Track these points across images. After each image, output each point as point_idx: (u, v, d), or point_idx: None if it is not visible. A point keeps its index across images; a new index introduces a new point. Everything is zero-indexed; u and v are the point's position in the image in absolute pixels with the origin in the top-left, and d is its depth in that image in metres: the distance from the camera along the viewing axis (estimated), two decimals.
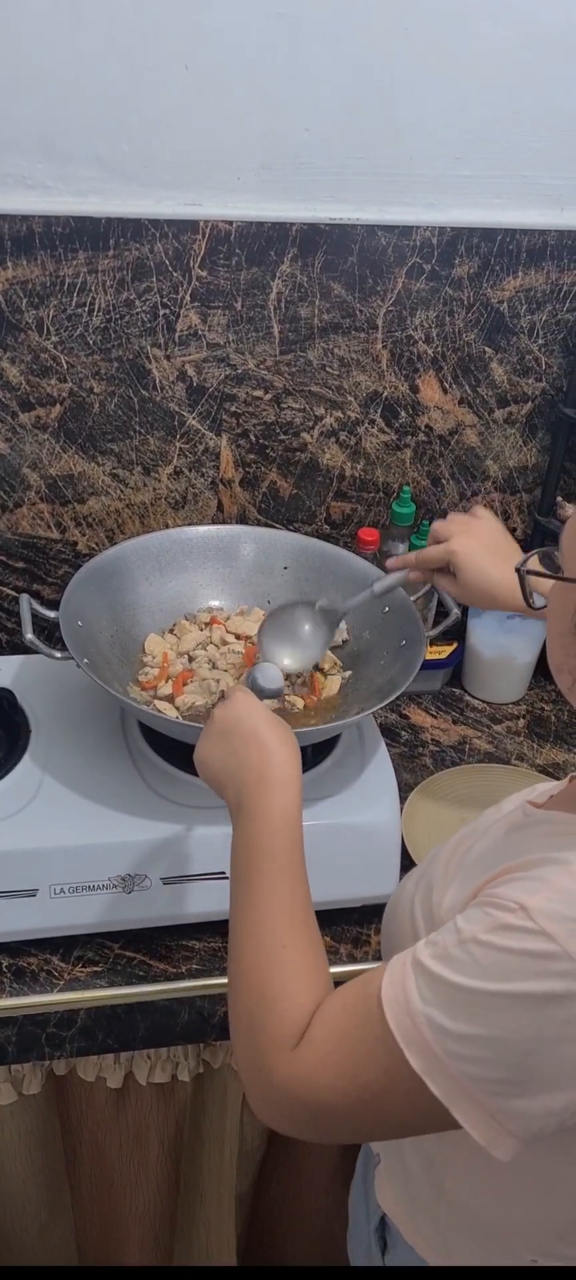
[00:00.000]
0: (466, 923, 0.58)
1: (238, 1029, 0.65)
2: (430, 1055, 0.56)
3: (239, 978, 0.66)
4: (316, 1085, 0.60)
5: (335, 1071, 0.59)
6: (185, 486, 1.26)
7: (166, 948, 0.95)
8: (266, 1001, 0.63)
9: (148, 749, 1.00)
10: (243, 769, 0.72)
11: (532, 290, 1.23)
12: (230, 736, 0.74)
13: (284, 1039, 0.62)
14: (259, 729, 0.74)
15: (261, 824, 0.69)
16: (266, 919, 0.66)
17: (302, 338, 1.20)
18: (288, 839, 0.69)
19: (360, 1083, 0.58)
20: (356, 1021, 0.60)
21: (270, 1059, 0.62)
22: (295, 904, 0.67)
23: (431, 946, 0.59)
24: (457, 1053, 0.55)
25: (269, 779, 0.71)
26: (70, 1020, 0.90)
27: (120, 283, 1.13)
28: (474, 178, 1.18)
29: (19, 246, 1.08)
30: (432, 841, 1.05)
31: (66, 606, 0.99)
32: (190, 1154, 1.06)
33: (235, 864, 0.70)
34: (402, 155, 1.16)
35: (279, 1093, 0.61)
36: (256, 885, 0.67)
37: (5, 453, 1.18)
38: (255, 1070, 0.63)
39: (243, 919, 0.67)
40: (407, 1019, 0.57)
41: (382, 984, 0.60)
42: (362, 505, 1.32)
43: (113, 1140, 1.04)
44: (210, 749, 0.76)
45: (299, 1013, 0.62)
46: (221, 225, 1.12)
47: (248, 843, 0.69)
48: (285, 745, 0.73)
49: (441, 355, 1.25)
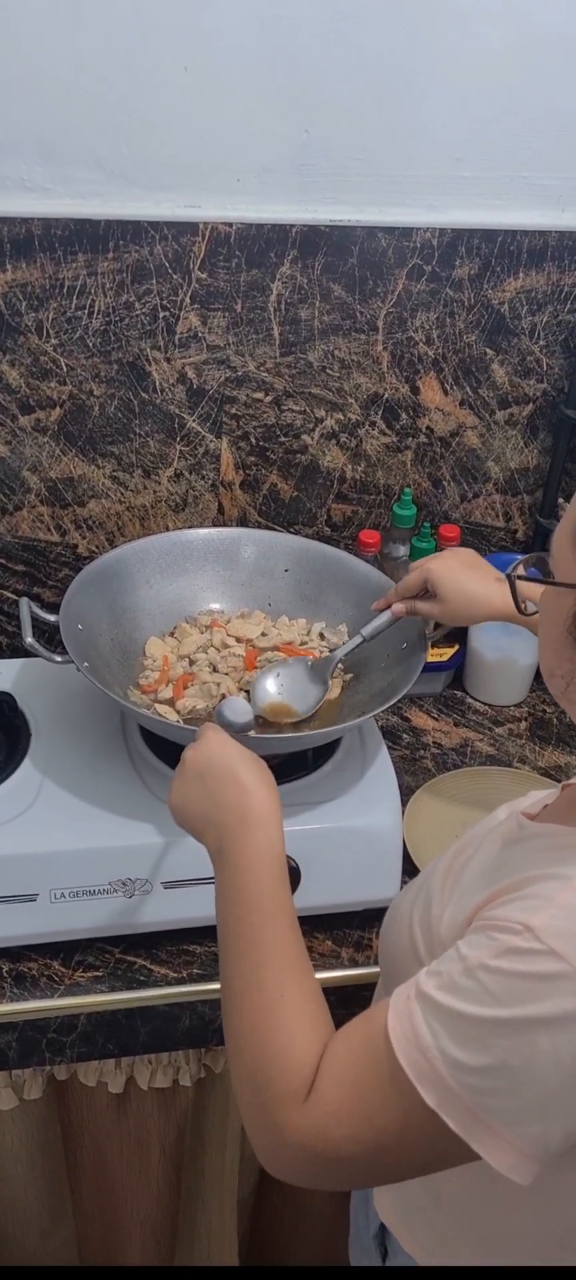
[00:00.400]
0: (471, 949, 0.57)
1: (241, 1087, 0.63)
2: (444, 1089, 0.55)
3: (238, 1035, 0.63)
4: (333, 1138, 0.58)
5: (350, 1121, 0.58)
6: (185, 489, 1.25)
7: (167, 952, 0.94)
8: (269, 1057, 0.61)
9: (148, 753, 0.99)
10: (221, 811, 0.70)
11: (533, 291, 1.23)
12: (204, 777, 0.72)
13: (292, 1094, 0.59)
14: (234, 767, 0.71)
15: (246, 869, 0.67)
16: (260, 969, 0.64)
17: (303, 340, 1.20)
18: (274, 880, 0.66)
19: (376, 1127, 0.57)
20: (365, 1065, 0.58)
21: (280, 1117, 0.59)
22: (287, 948, 0.65)
23: (435, 977, 0.58)
24: (472, 1084, 0.54)
25: (249, 819, 0.68)
26: (71, 1025, 0.90)
27: (120, 285, 1.12)
28: (474, 179, 1.18)
29: (18, 249, 1.08)
30: (434, 844, 1.05)
31: (67, 610, 0.99)
32: (192, 1159, 1.05)
33: (221, 914, 0.68)
34: (403, 156, 1.16)
35: (293, 1150, 0.59)
36: (246, 935, 0.65)
37: (5, 455, 1.18)
38: (264, 1129, 0.61)
39: (235, 973, 0.65)
40: (419, 1055, 0.56)
41: (388, 1021, 0.58)
42: (363, 507, 1.32)
43: (114, 1145, 1.03)
44: (185, 793, 0.73)
45: (305, 1063, 0.60)
46: (221, 227, 1.12)
47: (232, 891, 0.67)
48: (262, 782, 0.71)
49: (442, 357, 1.25)
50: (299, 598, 1.16)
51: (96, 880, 0.90)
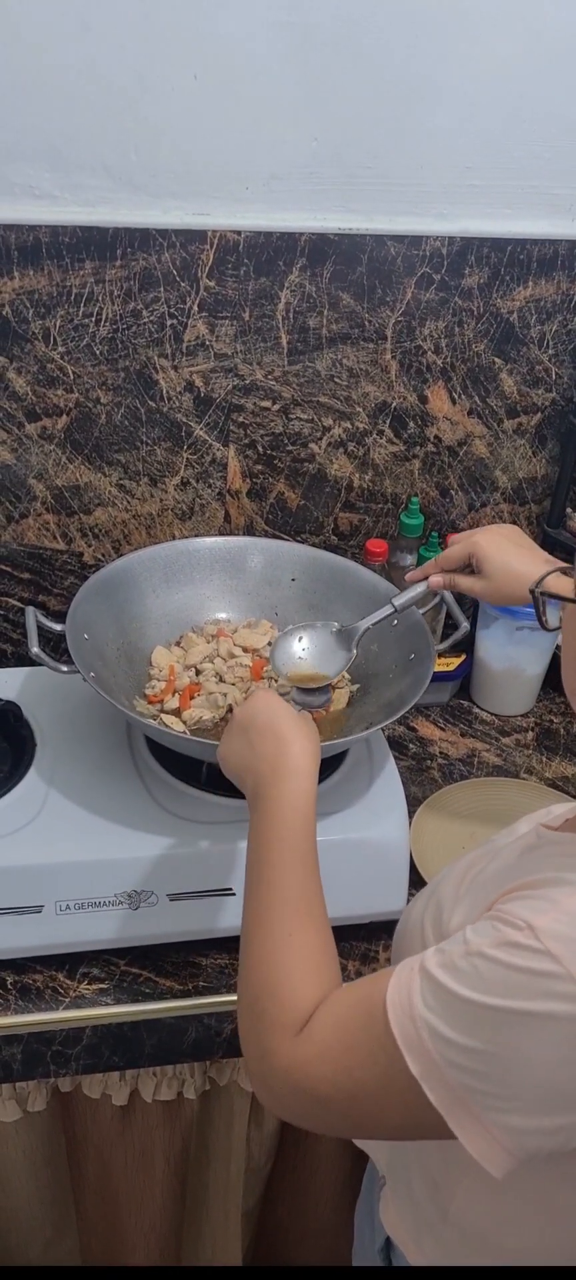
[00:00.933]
0: (475, 935, 0.58)
1: (244, 1013, 0.67)
2: (429, 1062, 0.56)
3: (246, 966, 0.67)
4: (313, 1075, 0.61)
5: (333, 1065, 0.60)
6: (192, 497, 1.25)
7: (173, 964, 0.94)
8: (270, 988, 0.65)
9: (154, 763, 0.99)
10: (258, 760, 0.75)
11: (542, 300, 1.23)
12: (248, 730, 0.77)
13: (286, 1026, 0.63)
14: (275, 721, 0.76)
15: (273, 813, 0.71)
16: (275, 907, 0.67)
17: (311, 348, 1.19)
18: (297, 827, 0.70)
19: (356, 1079, 0.59)
20: (359, 1019, 0.61)
21: (272, 1044, 0.63)
22: (303, 893, 0.68)
23: (440, 954, 0.60)
24: (456, 1062, 0.56)
25: (282, 769, 0.73)
26: (76, 1038, 0.89)
27: (127, 293, 1.12)
28: (484, 187, 1.18)
29: (26, 257, 1.08)
30: (441, 857, 1.04)
31: (73, 619, 0.98)
32: (196, 1171, 1.05)
33: (249, 853, 0.72)
34: (412, 165, 1.15)
35: (278, 1078, 0.63)
36: (266, 874, 0.69)
37: (11, 463, 1.18)
38: (257, 1054, 0.64)
39: (252, 906, 0.69)
40: (410, 1023, 0.58)
41: (389, 986, 0.60)
42: (371, 516, 1.31)
43: (118, 1157, 1.03)
44: (231, 744, 0.79)
45: (303, 1002, 0.63)
46: (230, 235, 1.12)
47: (259, 832, 0.71)
48: (303, 737, 0.75)
49: (451, 365, 1.24)
50: (306, 607, 1.16)
51: (102, 892, 0.90)
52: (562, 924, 0.55)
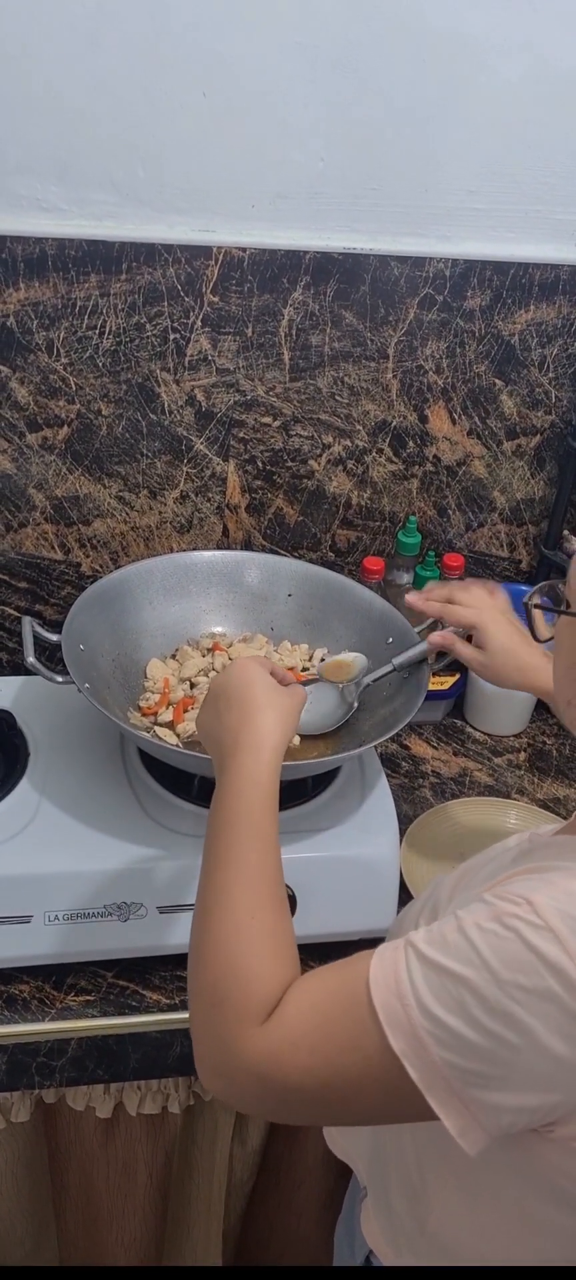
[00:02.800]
0: (467, 913, 0.57)
1: (198, 1002, 0.62)
2: (413, 1038, 0.55)
3: (203, 946, 0.63)
4: (286, 1065, 0.57)
5: (309, 1052, 0.57)
6: (191, 511, 1.25)
7: (160, 977, 0.94)
8: (233, 973, 0.60)
9: (147, 775, 0.99)
10: (223, 730, 0.71)
11: (544, 324, 1.23)
12: (218, 699, 0.73)
13: (251, 1013, 0.59)
14: (244, 690, 0.72)
15: (231, 788, 0.67)
16: (233, 886, 0.63)
17: (313, 365, 1.20)
18: (256, 805, 0.66)
19: (336, 1066, 0.57)
20: (340, 1002, 0.58)
21: (235, 1032, 0.59)
22: (262, 872, 0.64)
23: (428, 932, 0.58)
24: (442, 1039, 0.54)
25: (244, 741, 0.69)
26: (61, 1049, 0.89)
27: (131, 306, 1.13)
28: (487, 211, 1.18)
29: (31, 268, 1.09)
30: (431, 876, 1.04)
31: (69, 630, 0.99)
32: (179, 1186, 1.05)
33: (208, 829, 0.68)
34: (417, 187, 1.16)
35: (242, 1070, 0.58)
36: (223, 851, 0.65)
37: (11, 473, 1.18)
38: (216, 1045, 0.60)
39: (210, 886, 0.65)
40: (396, 1000, 0.56)
41: (371, 966, 0.58)
42: (368, 534, 1.31)
43: (100, 1170, 1.03)
44: (203, 713, 0.75)
45: (268, 987, 0.60)
46: (234, 252, 1.13)
47: (217, 809, 0.68)
48: (271, 707, 0.71)
49: (451, 386, 1.25)
50: (301, 623, 1.16)
51: (91, 903, 0.90)
52: (561, 901, 0.55)
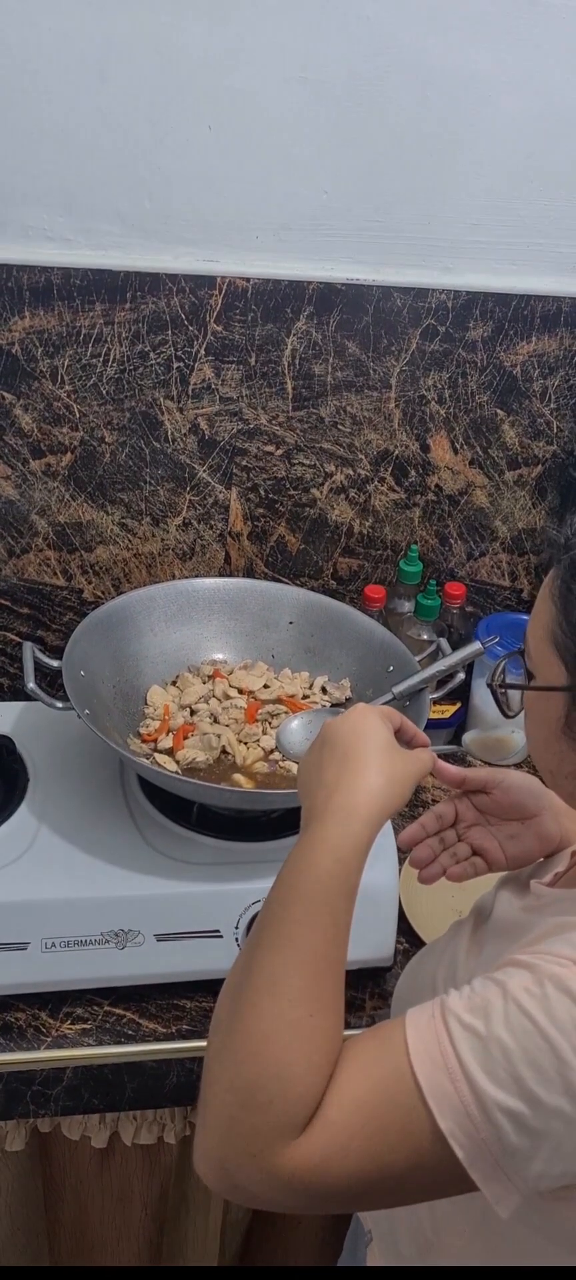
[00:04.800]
0: (509, 979, 0.55)
1: (228, 1094, 0.54)
2: (463, 1116, 0.52)
3: (245, 1035, 0.54)
4: (333, 1174, 0.52)
5: (357, 1156, 0.52)
6: (193, 538, 1.26)
7: (157, 1005, 0.93)
8: (279, 1078, 0.53)
9: (146, 802, 0.99)
10: (317, 784, 0.63)
11: (545, 355, 1.24)
12: (324, 747, 0.65)
13: (293, 1123, 0.53)
14: (353, 744, 0.63)
15: (308, 856, 0.59)
16: (293, 975, 0.55)
17: (315, 395, 1.21)
18: (333, 881, 0.58)
19: (385, 1161, 0.53)
20: (385, 1091, 0.53)
21: (271, 1144, 0.52)
22: (329, 964, 0.57)
23: (467, 998, 0.55)
24: (494, 1117, 0.52)
25: (333, 805, 0.60)
26: (56, 1078, 0.89)
27: (135, 335, 1.14)
28: (490, 243, 1.19)
29: (37, 297, 1.10)
30: (430, 906, 1.04)
31: (69, 656, 0.99)
32: (174, 1220, 1.04)
33: (273, 891, 0.60)
34: (421, 219, 1.17)
35: (274, 1182, 0.53)
36: (288, 930, 0.57)
37: (14, 499, 1.19)
38: (242, 1153, 0.53)
39: (262, 965, 0.56)
40: (445, 1077, 0.52)
41: (408, 1038, 0.54)
42: (370, 562, 1.32)
43: (95, 1200, 1.02)
44: (308, 757, 0.67)
45: (313, 1095, 0.53)
46: (238, 282, 1.14)
47: (289, 873, 0.59)
48: (377, 773, 0.62)
49: (453, 416, 1.25)
50: (303, 650, 1.16)
51: (89, 930, 0.90)
52: None
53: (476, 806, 0.80)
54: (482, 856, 0.79)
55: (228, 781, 1.00)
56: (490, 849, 0.78)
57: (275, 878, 0.60)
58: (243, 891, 0.92)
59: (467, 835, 0.80)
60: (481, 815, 0.80)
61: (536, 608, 0.64)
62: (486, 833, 0.79)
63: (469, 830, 0.80)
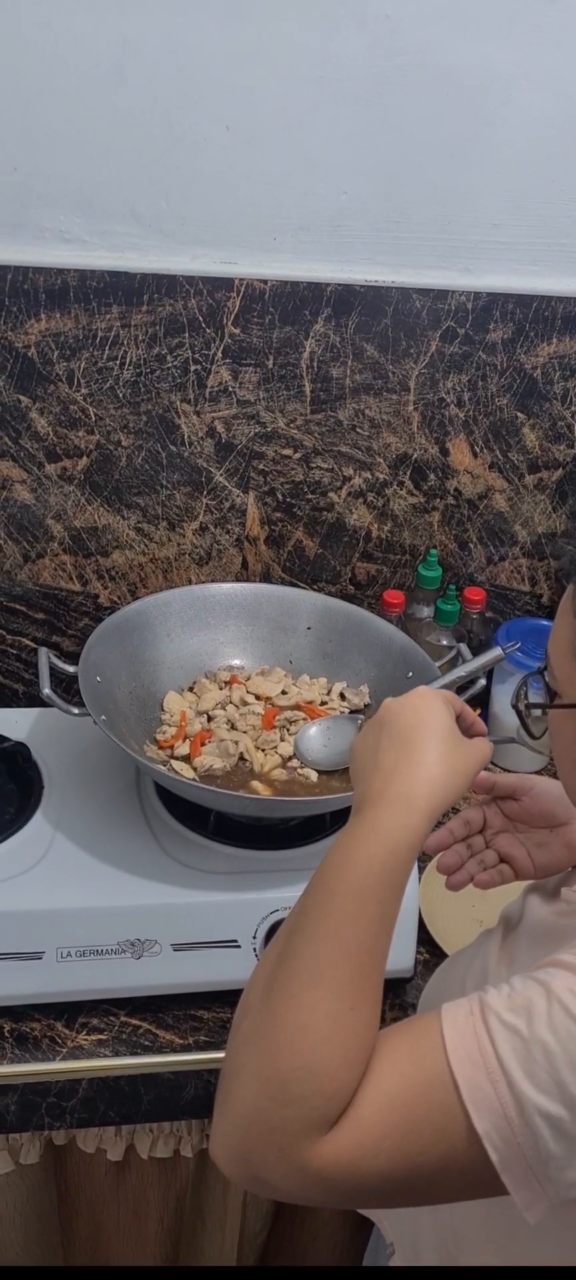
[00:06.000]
0: (553, 979, 0.53)
1: (260, 1085, 0.52)
2: (500, 1118, 0.50)
3: (281, 1025, 0.52)
4: (363, 1171, 0.51)
5: (389, 1154, 0.51)
6: (210, 542, 1.25)
7: (174, 1016, 0.92)
8: (314, 1072, 0.51)
9: (162, 810, 0.98)
10: (373, 768, 0.60)
11: (566, 357, 1.22)
12: (382, 727, 0.62)
13: (325, 1119, 0.51)
14: (414, 729, 0.60)
15: (360, 843, 0.56)
16: (337, 966, 0.53)
17: (334, 398, 1.19)
18: (385, 872, 0.55)
19: (418, 1162, 0.51)
20: (421, 1090, 0.52)
21: (302, 1139, 0.51)
22: (373, 958, 0.54)
23: (507, 996, 0.53)
24: (532, 1121, 0.50)
25: (391, 792, 0.58)
26: (72, 1090, 0.87)
27: (152, 337, 1.13)
28: (511, 244, 1.18)
29: (53, 299, 1.09)
30: (450, 914, 1.02)
31: (85, 662, 0.98)
32: (190, 1234, 1.02)
33: (318, 876, 0.57)
34: (440, 220, 1.16)
35: (301, 1176, 0.51)
36: (334, 920, 0.54)
37: (30, 503, 1.18)
38: (278, 1148, 0.51)
39: (304, 954, 0.54)
40: (484, 1077, 0.51)
41: (445, 1034, 0.52)
42: (388, 567, 1.30)
43: (111, 1215, 1.00)
44: (363, 737, 0.64)
45: (347, 1090, 0.52)
46: (256, 284, 1.12)
47: (338, 859, 0.57)
48: (438, 762, 0.59)
49: (473, 419, 1.24)
50: (320, 656, 1.15)
51: (105, 940, 0.89)
52: None
53: (505, 813, 0.78)
54: (510, 864, 0.77)
55: (245, 789, 0.98)
56: (518, 856, 0.77)
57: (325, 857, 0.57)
58: (261, 901, 0.90)
59: (495, 842, 0.78)
60: (509, 822, 0.78)
61: (556, 624, 0.63)
62: (514, 840, 0.78)
63: (496, 837, 0.78)
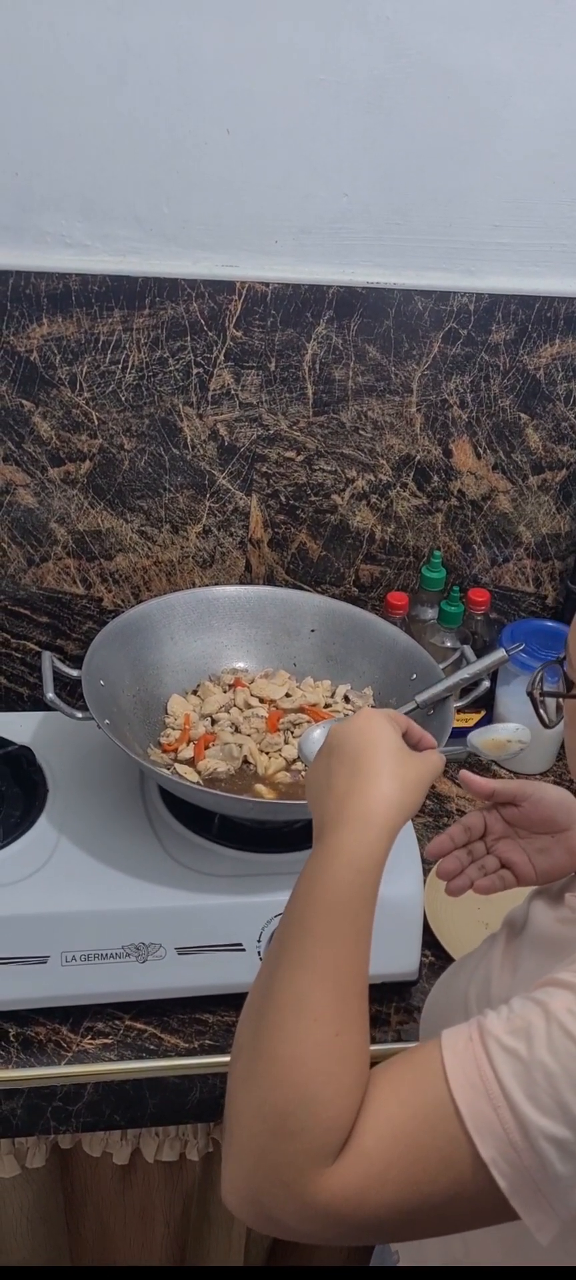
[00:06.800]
0: (551, 999, 0.53)
1: (258, 1123, 0.52)
2: (506, 1144, 0.50)
3: (272, 1060, 0.53)
4: (369, 1204, 0.51)
5: (397, 1185, 0.51)
6: (213, 545, 1.25)
7: (179, 1020, 0.92)
8: (308, 1103, 0.51)
9: (167, 813, 0.98)
10: (327, 794, 0.61)
11: (569, 358, 1.22)
12: (332, 754, 0.63)
13: (327, 1150, 0.51)
14: (363, 751, 0.61)
15: (324, 869, 0.57)
16: (317, 993, 0.53)
17: (336, 400, 1.19)
18: (352, 892, 0.56)
19: (425, 1193, 0.51)
20: (424, 1119, 0.51)
21: (305, 1173, 0.50)
22: (353, 978, 0.55)
23: (506, 1019, 0.53)
24: (538, 1146, 0.50)
25: (347, 814, 0.58)
26: (77, 1094, 0.87)
27: (154, 341, 1.13)
28: (513, 245, 1.18)
29: (55, 304, 1.09)
30: (456, 918, 1.02)
31: (89, 665, 0.98)
32: (197, 1237, 1.02)
33: (290, 908, 0.58)
34: (441, 221, 1.15)
35: (307, 1212, 0.51)
36: (309, 948, 0.55)
37: (33, 507, 1.18)
38: (274, 1182, 0.51)
39: (285, 986, 0.54)
40: (487, 1104, 0.51)
41: (445, 1062, 0.52)
42: (392, 569, 1.30)
43: (117, 1218, 1.00)
44: (314, 767, 0.65)
45: (346, 1118, 0.51)
46: (258, 286, 1.13)
47: (307, 889, 0.57)
48: (390, 778, 0.60)
49: (475, 420, 1.23)
50: (324, 658, 1.15)
51: (109, 943, 0.89)
52: None
53: (506, 819, 0.78)
54: (511, 870, 0.77)
55: (249, 792, 0.98)
56: (519, 862, 0.77)
57: (290, 893, 0.59)
58: (265, 904, 0.90)
59: (496, 848, 0.78)
60: (510, 828, 0.78)
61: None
62: (515, 846, 0.77)
63: (497, 843, 0.78)
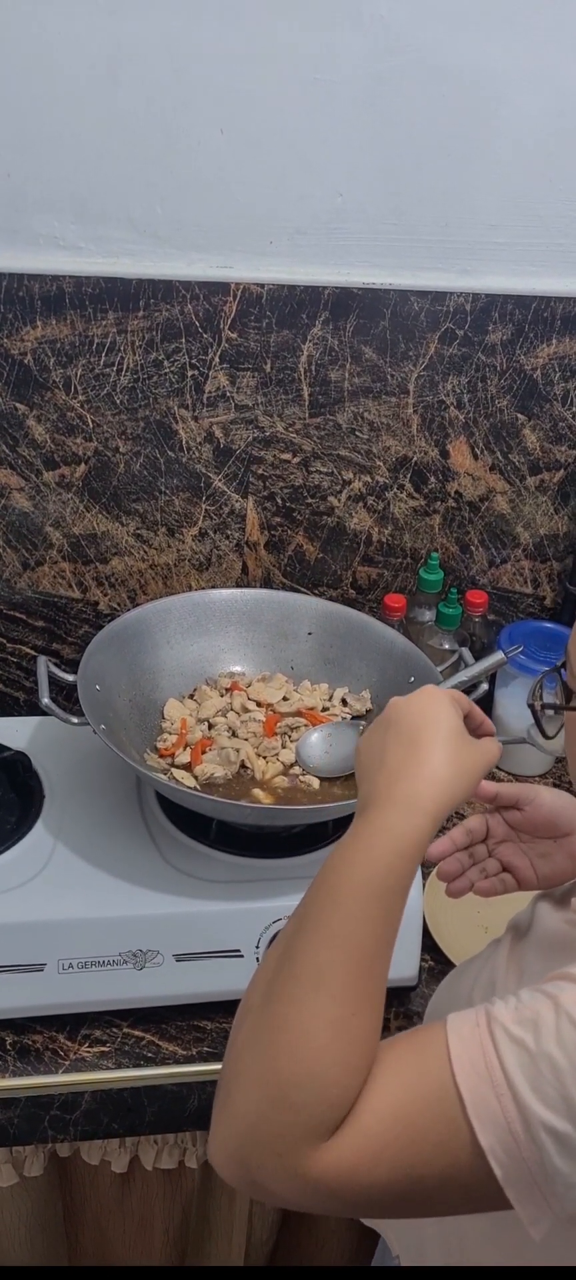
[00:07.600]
0: (561, 993, 0.52)
1: (259, 1089, 0.51)
2: (505, 1133, 0.50)
3: (283, 1029, 0.52)
4: (363, 1180, 0.51)
5: (391, 1163, 0.51)
6: (210, 548, 1.24)
7: (177, 1027, 0.91)
8: (314, 1078, 0.51)
9: (164, 818, 0.97)
10: (379, 767, 0.59)
11: (566, 358, 1.21)
12: (388, 726, 0.61)
13: (325, 1126, 0.51)
14: (422, 729, 0.59)
15: (364, 845, 0.56)
16: (340, 970, 0.52)
17: (332, 401, 1.19)
18: (390, 874, 0.55)
19: (420, 1173, 0.51)
20: (424, 1100, 0.51)
21: (301, 1145, 0.50)
22: (376, 962, 0.54)
23: (514, 1009, 0.53)
24: (539, 1137, 0.50)
25: (397, 792, 0.57)
26: (75, 1102, 0.87)
27: (149, 343, 1.12)
28: (509, 245, 1.17)
29: (49, 306, 1.09)
30: (456, 923, 1.01)
31: (85, 670, 0.97)
32: (196, 1245, 1.02)
33: (321, 878, 0.56)
34: (438, 221, 1.15)
35: (300, 1183, 0.51)
36: (337, 925, 0.53)
37: (29, 511, 1.18)
38: (277, 1154, 0.51)
39: (307, 958, 0.53)
40: (489, 1090, 0.50)
41: (450, 1045, 0.52)
42: (389, 571, 1.30)
43: (116, 1227, 1.00)
44: (369, 736, 0.63)
45: (348, 1097, 0.51)
46: (253, 288, 1.12)
47: (341, 862, 0.56)
48: (446, 762, 0.58)
49: (473, 421, 1.23)
50: (322, 661, 1.14)
51: (106, 951, 0.88)
52: None
53: (508, 822, 0.78)
54: (512, 874, 0.77)
55: (247, 797, 0.98)
56: (520, 866, 0.77)
57: (289, 894, 0.59)
58: (263, 910, 0.89)
59: (498, 851, 0.78)
60: (512, 831, 0.78)
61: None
62: (517, 849, 0.77)
63: (499, 846, 0.78)
